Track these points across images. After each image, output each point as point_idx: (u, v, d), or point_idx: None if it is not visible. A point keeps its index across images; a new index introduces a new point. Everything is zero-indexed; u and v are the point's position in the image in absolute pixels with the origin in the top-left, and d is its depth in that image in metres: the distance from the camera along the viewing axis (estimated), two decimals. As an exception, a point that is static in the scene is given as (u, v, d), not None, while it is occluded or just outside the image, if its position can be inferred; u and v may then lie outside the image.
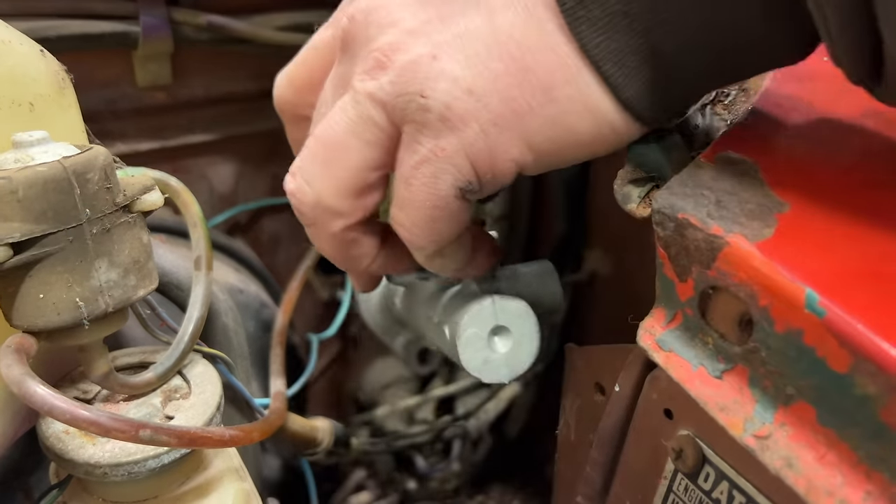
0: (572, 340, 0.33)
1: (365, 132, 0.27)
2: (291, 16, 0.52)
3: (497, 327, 0.33)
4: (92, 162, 0.25)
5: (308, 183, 0.28)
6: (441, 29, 0.25)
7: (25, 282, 0.25)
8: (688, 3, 0.23)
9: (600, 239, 0.56)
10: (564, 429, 0.34)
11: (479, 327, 0.32)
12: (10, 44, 0.28)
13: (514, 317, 0.33)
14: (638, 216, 0.27)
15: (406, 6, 0.26)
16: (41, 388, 0.23)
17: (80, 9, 0.46)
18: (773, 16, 0.23)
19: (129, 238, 0.27)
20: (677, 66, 0.25)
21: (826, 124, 0.29)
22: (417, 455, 0.64)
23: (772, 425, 0.22)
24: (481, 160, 0.26)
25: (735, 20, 0.24)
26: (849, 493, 0.20)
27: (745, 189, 0.25)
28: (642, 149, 0.27)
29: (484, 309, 0.32)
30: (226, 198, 0.60)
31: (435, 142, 0.25)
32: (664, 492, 0.26)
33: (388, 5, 0.26)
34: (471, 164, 0.26)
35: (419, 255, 0.29)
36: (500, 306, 0.32)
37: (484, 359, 0.32)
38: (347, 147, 0.27)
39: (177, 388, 0.31)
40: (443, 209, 0.27)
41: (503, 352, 0.33)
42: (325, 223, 0.29)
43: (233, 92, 0.57)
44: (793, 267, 0.21)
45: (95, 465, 0.27)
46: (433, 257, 0.29)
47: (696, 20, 0.24)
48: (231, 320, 0.38)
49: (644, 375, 0.27)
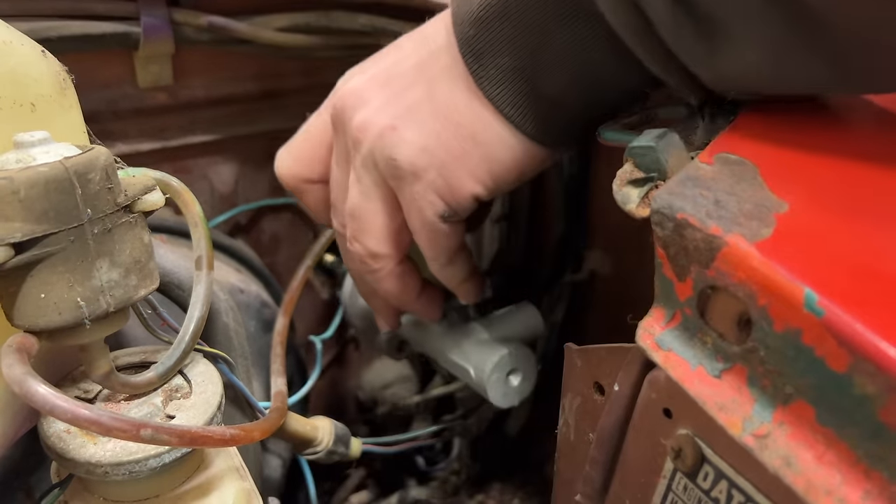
0: (572, 340, 0.33)
1: (374, 193, 0.36)
2: (292, 17, 0.52)
3: (512, 369, 0.45)
4: (93, 162, 0.25)
5: (360, 244, 0.38)
6: (396, 103, 0.34)
7: (27, 282, 0.25)
8: (558, 56, 0.31)
9: (600, 239, 0.56)
10: (564, 428, 0.34)
11: (500, 372, 0.45)
12: (12, 44, 0.28)
13: (523, 361, 0.45)
14: (637, 216, 0.27)
15: (371, 89, 0.35)
16: (42, 387, 0.23)
17: (81, 9, 0.46)
18: (621, 58, 0.29)
19: (131, 238, 0.27)
20: (560, 104, 0.33)
21: (825, 124, 0.29)
22: (417, 455, 0.64)
23: (770, 424, 0.22)
24: (445, 194, 0.35)
25: (593, 63, 0.31)
26: (847, 492, 0.20)
27: (743, 189, 0.25)
28: (641, 149, 0.28)
29: (503, 358, 0.44)
30: (226, 198, 0.60)
31: (411, 188, 0.35)
32: (663, 491, 0.26)
33: (359, 91, 0.35)
34: (439, 197, 0.35)
35: (435, 265, 0.39)
36: (514, 355, 0.45)
37: (504, 393, 0.45)
38: (369, 209, 0.37)
39: (178, 388, 0.31)
40: (436, 231, 0.37)
41: (515, 385, 0.45)
42: (381, 266, 0.39)
43: (234, 92, 0.57)
44: (791, 266, 0.21)
45: (97, 464, 0.27)
46: (445, 266, 0.39)
47: (567, 68, 0.31)
48: (232, 320, 0.38)
49: (643, 375, 0.27)
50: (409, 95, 0.34)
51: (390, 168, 0.34)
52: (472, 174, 0.34)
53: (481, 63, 0.32)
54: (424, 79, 0.34)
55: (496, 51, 0.32)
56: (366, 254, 0.38)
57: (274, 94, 0.59)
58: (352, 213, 0.38)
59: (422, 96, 0.34)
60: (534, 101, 0.32)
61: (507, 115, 0.33)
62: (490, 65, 0.32)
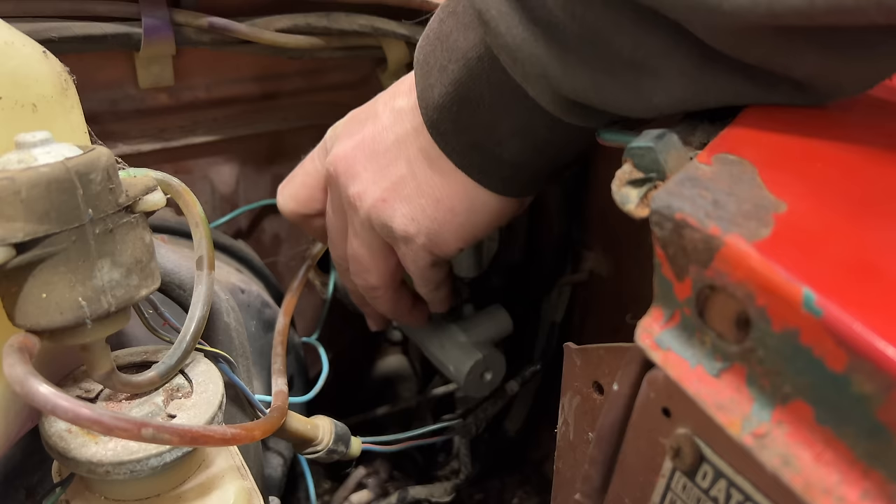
0: (571, 340, 0.33)
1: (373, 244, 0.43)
2: (293, 18, 0.52)
3: (485, 369, 0.53)
4: (94, 163, 0.25)
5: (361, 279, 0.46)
6: (384, 178, 0.40)
7: (28, 281, 0.25)
8: (509, 132, 0.36)
9: (599, 239, 0.56)
10: (563, 427, 0.34)
11: (475, 373, 0.52)
12: (13, 45, 0.28)
13: (494, 362, 0.53)
14: (636, 217, 0.27)
15: (359, 161, 0.41)
16: (44, 386, 0.23)
17: (82, 10, 0.46)
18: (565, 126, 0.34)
19: (132, 238, 0.27)
20: (521, 165, 0.38)
21: (824, 125, 0.30)
22: (417, 454, 0.64)
23: (769, 424, 0.22)
24: (433, 250, 0.42)
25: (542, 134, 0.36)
26: (846, 491, 0.20)
27: (742, 189, 0.25)
28: (640, 150, 0.28)
29: (478, 363, 0.52)
30: (227, 198, 0.60)
31: (405, 246, 0.42)
32: (662, 490, 0.27)
33: (349, 161, 0.41)
34: (429, 252, 0.42)
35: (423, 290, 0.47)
36: (487, 358, 0.53)
37: (477, 387, 0.54)
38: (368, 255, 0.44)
39: (179, 387, 0.31)
40: (427, 272, 0.44)
41: (487, 380, 0.54)
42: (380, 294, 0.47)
43: (234, 93, 0.57)
44: (790, 266, 0.21)
45: (98, 463, 0.27)
46: (434, 291, 0.47)
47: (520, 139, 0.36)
48: (233, 320, 0.38)
49: (642, 374, 0.27)
50: (394, 171, 0.40)
51: (385, 231, 0.41)
52: (455, 235, 0.41)
53: (447, 141, 0.38)
54: (405, 157, 0.40)
55: (458, 130, 0.37)
56: (367, 286, 0.46)
57: (275, 95, 0.59)
58: (353, 257, 0.45)
59: (405, 173, 0.40)
60: (497, 165, 0.38)
61: (478, 180, 0.39)
62: (454, 141, 0.38)
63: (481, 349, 0.53)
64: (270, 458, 0.47)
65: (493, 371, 0.53)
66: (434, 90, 0.37)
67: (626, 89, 0.30)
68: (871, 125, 0.31)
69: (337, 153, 0.42)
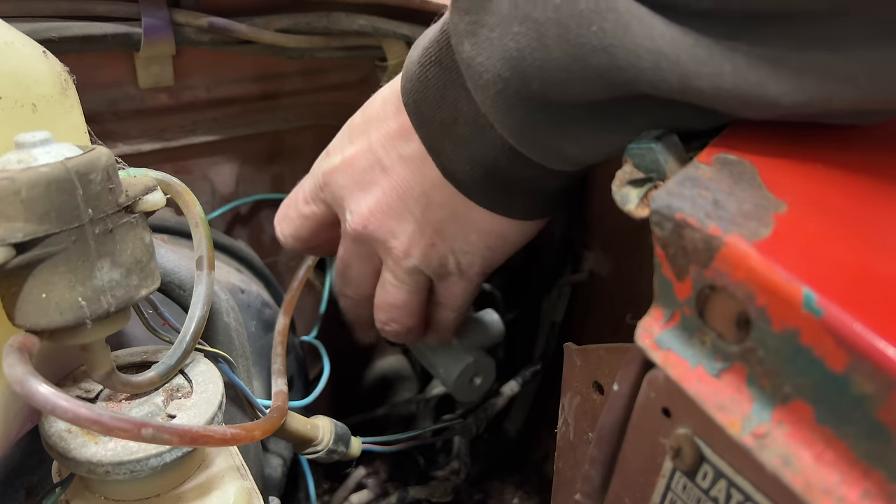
0: (571, 340, 0.33)
1: (420, 287, 0.44)
2: (293, 18, 0.52)
3: (474, 374, 0.53)
4: (94, 162, 0.25)
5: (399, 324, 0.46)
6: (426, 225, 0.41)
7: (28, 281, 0.25)
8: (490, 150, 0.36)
9: (599, 239, 0.56)
10: (563, 427, 0.34)
11: (464, 378, 0.53)
12: (13, 45, 0.28)
13: (484, 366, 0.53)
14: (636, 217, 0.27)
15: (391, 217, 0.41)
16: (44, 387, 0.23)
17: (82, 10, 0.46)
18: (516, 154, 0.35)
19: (132, 238, 0.27)
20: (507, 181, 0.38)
21: (824, 125, 0.29)
22: (417, 454, 0.64)
23: (769, 424, 0.22)
24: (487, 271, 0.43)
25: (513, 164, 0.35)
26: (846, 491, 0.20)
27: (742, 189, 0.25)
28: (640, 150, 0.28)
29: (468, 367, 0.52)
30: (227, 198, 0.60)
31: (459, 279, 0.44)
32: (663, 490, 0.27)
33: (383, 220, 0.41)
34: (482, 275, 0.44)
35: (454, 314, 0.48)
36: (477, 363, 0.52)
37: (466, 392, 0.53)
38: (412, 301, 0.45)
39: (179, 387, 0.31)
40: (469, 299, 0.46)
41: (477, 385, 0.53)
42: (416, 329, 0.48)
43: (234, 93, 0.57)
44: (790, 266, 0.21)
45: (98, 463, 0.27)
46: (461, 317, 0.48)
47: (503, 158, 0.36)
48: (233, 320, 0.38)
49: (642, 374, 0.27)
50: (433, 217, 0.40)
51: (440, 270, 0.43)
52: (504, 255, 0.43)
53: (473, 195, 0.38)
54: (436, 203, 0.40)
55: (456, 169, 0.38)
56: (403, 329, 0.47)
57: (275, 95, 0.59)
58: (393, 304, 0.45)
59: (443, 217, 0.40)
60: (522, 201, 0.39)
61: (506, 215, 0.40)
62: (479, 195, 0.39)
63: (471, 354, 0.52)
64: (270, 459, 0.47)
65: (483, 376, 0.53)
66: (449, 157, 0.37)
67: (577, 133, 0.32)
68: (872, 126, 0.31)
69: (361, 213, 0.42)
